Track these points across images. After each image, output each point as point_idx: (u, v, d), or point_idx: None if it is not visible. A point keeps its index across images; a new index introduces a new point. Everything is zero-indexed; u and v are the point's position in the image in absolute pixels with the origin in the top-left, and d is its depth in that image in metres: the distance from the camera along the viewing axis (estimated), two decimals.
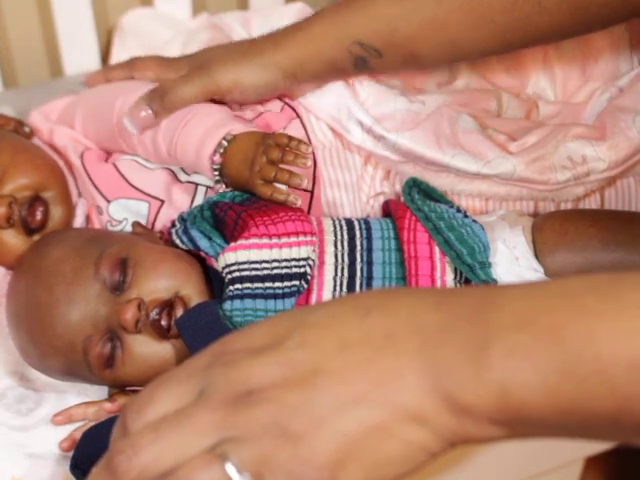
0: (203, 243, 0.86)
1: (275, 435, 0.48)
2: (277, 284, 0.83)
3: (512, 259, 0.90)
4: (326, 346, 0.49)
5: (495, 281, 0.87)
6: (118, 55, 1.13)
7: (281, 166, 0.84)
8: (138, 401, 0.53)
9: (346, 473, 0.48)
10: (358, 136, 0.96)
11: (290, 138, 0.85)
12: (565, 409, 0.46)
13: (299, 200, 0.84)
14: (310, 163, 0.85)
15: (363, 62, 0.90)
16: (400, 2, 0.86)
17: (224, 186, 0.90)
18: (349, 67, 0.92)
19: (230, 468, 0.48)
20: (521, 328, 0.46)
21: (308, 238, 0.85)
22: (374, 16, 0.88)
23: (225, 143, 0.87)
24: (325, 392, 0.48)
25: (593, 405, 0.45)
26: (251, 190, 0.86)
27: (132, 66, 1.00)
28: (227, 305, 0.81)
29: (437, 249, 0.88)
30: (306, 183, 0.84)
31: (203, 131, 0.88)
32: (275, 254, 0.83)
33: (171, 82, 0.92)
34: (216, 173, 0.88)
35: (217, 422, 0.49)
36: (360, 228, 0.90)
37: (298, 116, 0.97)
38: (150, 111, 0.91)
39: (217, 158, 0.87)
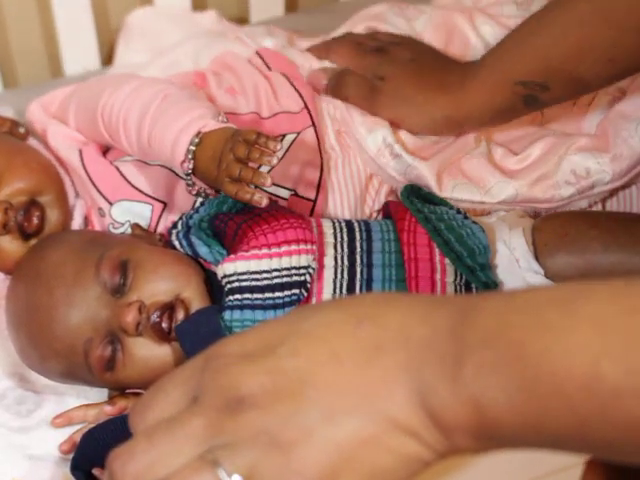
0: (202, 250, 0.86)
1: (266, 443, 0.48)
2: (277, 294, 0.83)
3: (512, 261, 0.90)
4: (317, 356, 0.50)
5: (496, 283, 0.87)
6: (122, 55, 1.13)
7: (250, 164, 0.82)
8: (140, 404, 0.54)
9: None
10: (373, 148, 0.96)
11: (259, 134, 0.80)
12: (532, 426, 0.46)
13: (264, 199, 0.81)
14: (276, 162, 0.80)
15: (533, 99, 0.91)
16: (547, 31, 0.88)
17: (196, 189, 0.89)
18: (520, 107, 0.92)
19: (222, 474, 0.48)
20: (488, 344, 0.47)
21: (308, 246, 0.84)
22: (527, 52, 0.90)
23: (193, 148, 0.84)
24: (315, 403, 0.48)
25: (557, 424, 0.45)
26: (220, 188, 0.84)
27: (328, 49, 1.04)
28: (227, 315, 0.81)
29: (437, 251, 0.87)
30: (270, 183, 0.81)
31: (175, 132, 0.86)
32: (275, 263, 0.83)
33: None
34: (188, 178, 0.87)
35: (208, 428, 0.49)
36: (360, 230, 0.89)
37: (313, 124, 0.96)
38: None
39: (187, 165, 0.85)
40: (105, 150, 0.99)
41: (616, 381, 0.43)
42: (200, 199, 0.91)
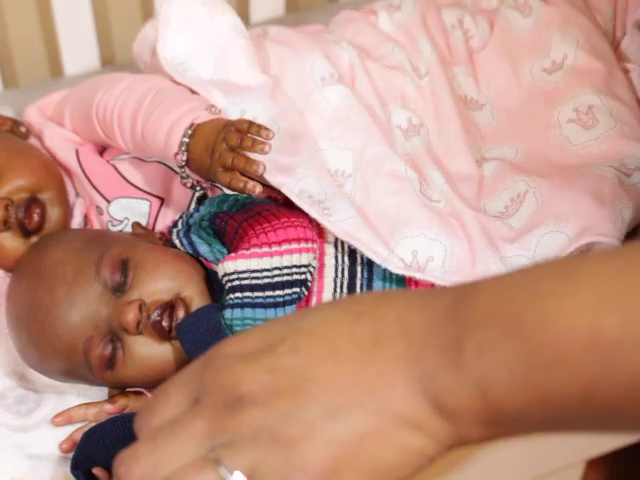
0: (203, 248, 0.86)
1: (267, 441, 0.48)
2: (277, 292, 0.82)
3: None
4: (317, 353, 0.50)
5: None
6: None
7: (242, 152, 0.82)
8: (144, 409, 0.54)
9: None
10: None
11: (251, 123, 0.82)
12: (538, 401, 0.45)
13: (258, 187, 0.81)
14: (268, 149, 0.81)
15: None
16: None
17: (190, 182, 0.89)
18: None
19: (223, 472, 0.48)
20: (487, 322, 0.46)
21: (309, 245, 0.84)
22: None
23: (186, 140, 0.85)
24: (316, 399, 0.48)
25: (562, 392, 0.45)
26: (213, 178, 0.84)
27: None
28: (227, 313, 0.81)
29: None
30: (262, 170, 0.81)
31: (168, 124, 0.87)
32: (276, 262, 0.83)
33: None
34: (182, 170, 0.87)
35: (209, 429, 0.49)
36: None
37: None
38: None
39: (181, 157, 0.85)
40: (102, 150, 0.99)
41: (617, 335, 0.43)
42: (197, 193, 0.92)
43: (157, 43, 0.95)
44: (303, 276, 0.83)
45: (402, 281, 0.86)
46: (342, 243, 0.87)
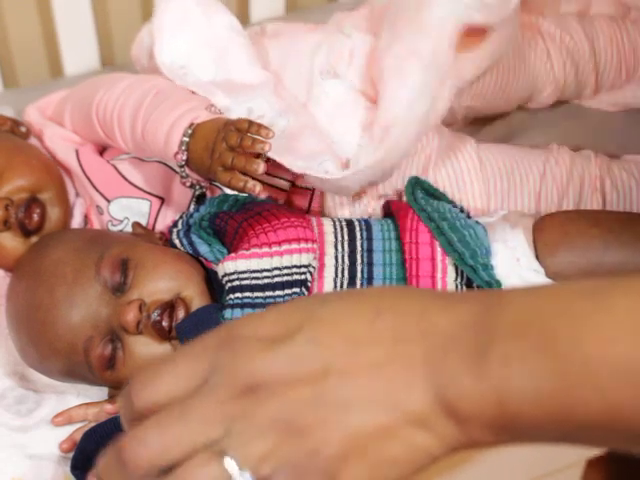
0: (203, 248, 0.86)
1: (280, 430, 0.48)
2: (278, 292, 0.82)
3: (513, 260, 0.89)
4: (336, 345, 0.49)
5: (498, 282, 0.87)
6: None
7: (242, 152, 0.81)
8: (145, 374, 0.52)
9: (349, 470, 0.48)
10: None
11: (250, 123, 0.82)
12: (559, 416, 0.46)
13: (258, 186, 0.81)
14: (268, 148, 0.80)
15: None
16: None
17: (190, 181, 0.89)
18: None
19: (231, 464, 0.47)
20: (516, 335, 0.46)
21: (309, 245, 0.84)
22: None
23: (186, 139, 0.85)
24: (333, 392, 0.48)
25: (586, 412, 0.45)
26: (213, 178, 0.84)
27: None
28: (227, 314, 0.81)
29: (439, 249, 0.87)
30: (262, 169, 0.81)
31: (168, 124, 0.86)
32: (276, 262, 0.83)
33: None
34: (182, 169, 0.87)
35: (222, 415, 0.49)
36: (361, 229, 0.89)
37: None
38: None
39: (181, 156, 0.85)
40: (102, 150, 0.99)
41: None
42: (197, 193, 0.92)
43: (154, 48, 0.95)
44: (303, 276, 0.83)
45: (403, 280, 0.86)
46: (342, 243, 0.87)
